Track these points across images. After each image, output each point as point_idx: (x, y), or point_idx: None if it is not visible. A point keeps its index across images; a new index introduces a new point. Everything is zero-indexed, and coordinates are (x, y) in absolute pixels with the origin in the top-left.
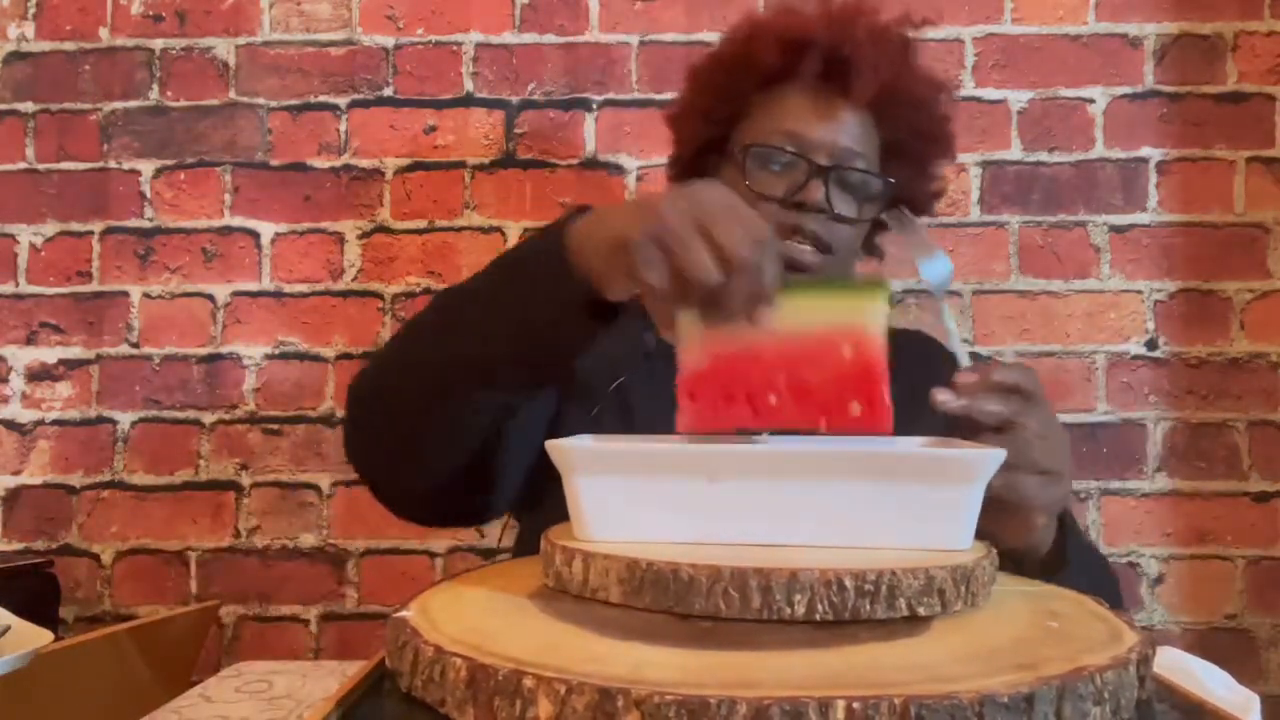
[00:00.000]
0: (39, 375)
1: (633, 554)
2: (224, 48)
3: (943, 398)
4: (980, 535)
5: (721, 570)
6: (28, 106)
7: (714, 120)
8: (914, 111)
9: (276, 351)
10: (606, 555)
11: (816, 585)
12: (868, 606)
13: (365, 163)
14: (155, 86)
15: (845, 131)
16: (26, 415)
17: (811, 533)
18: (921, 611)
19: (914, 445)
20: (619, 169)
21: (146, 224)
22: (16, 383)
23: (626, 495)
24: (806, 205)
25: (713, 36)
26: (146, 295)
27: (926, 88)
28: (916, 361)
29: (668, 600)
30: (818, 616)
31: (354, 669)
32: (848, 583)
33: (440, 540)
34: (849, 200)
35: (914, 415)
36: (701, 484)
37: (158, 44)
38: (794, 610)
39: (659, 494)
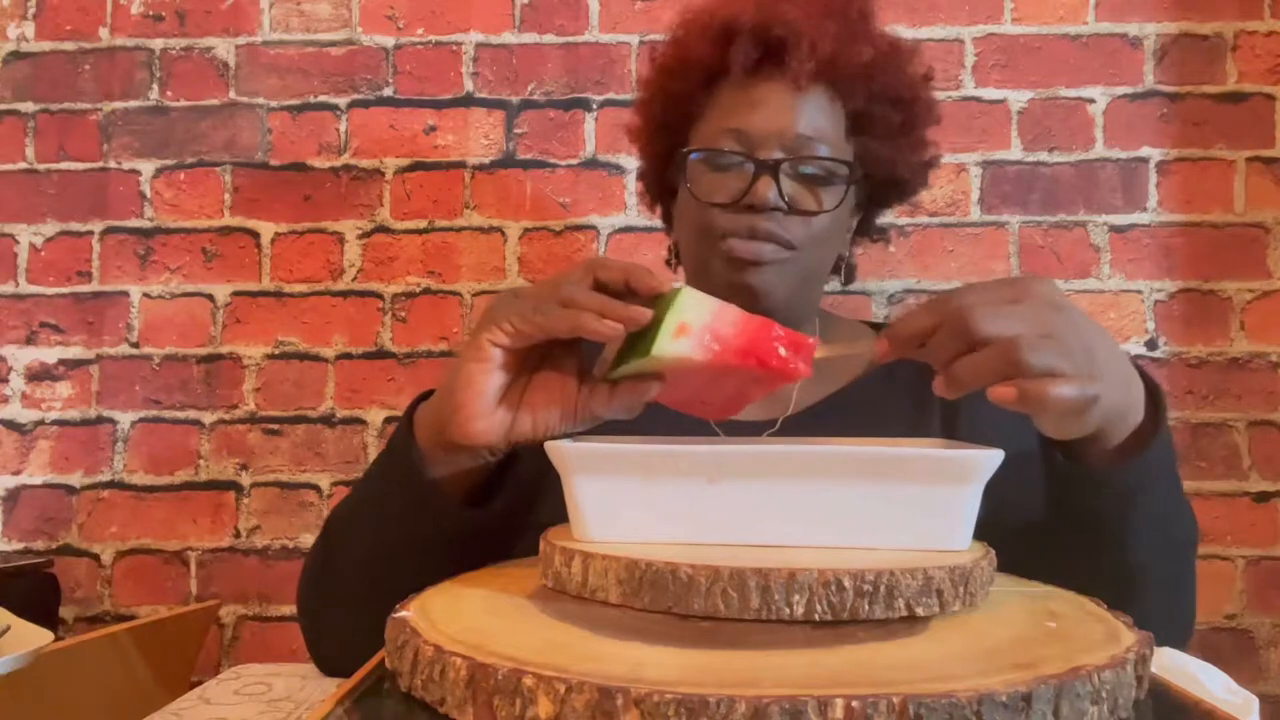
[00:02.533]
0: (39, 375)
1: (632, 554)
2: (224, 48)
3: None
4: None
5: (720, 570)
6: (28, 106)
7: (666, 129)
8: (868, 79)
9: (276, 351)
10: (605, 556)
11: (815, 585)
12: (866, 606)
13: (365, 163)
14: (155, 86)
15: (795, 117)
16: (26, 415)
17: (810, 533)
18: (920, 611)
19: (913, 446)
20: (619, 169)
21: (146, 224)
22: (16, 383)
23: (626, 496)
24: (757, 206)
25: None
26: (146, 295)
27: (878, 50)
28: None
29: (667, 600)
30: (816, 616)
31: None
32: (846, 583)
33: None
34: (809, 191)
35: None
36: (701, 485)
37: (158, 44)
38: (793, 610)
39: (658, 495)
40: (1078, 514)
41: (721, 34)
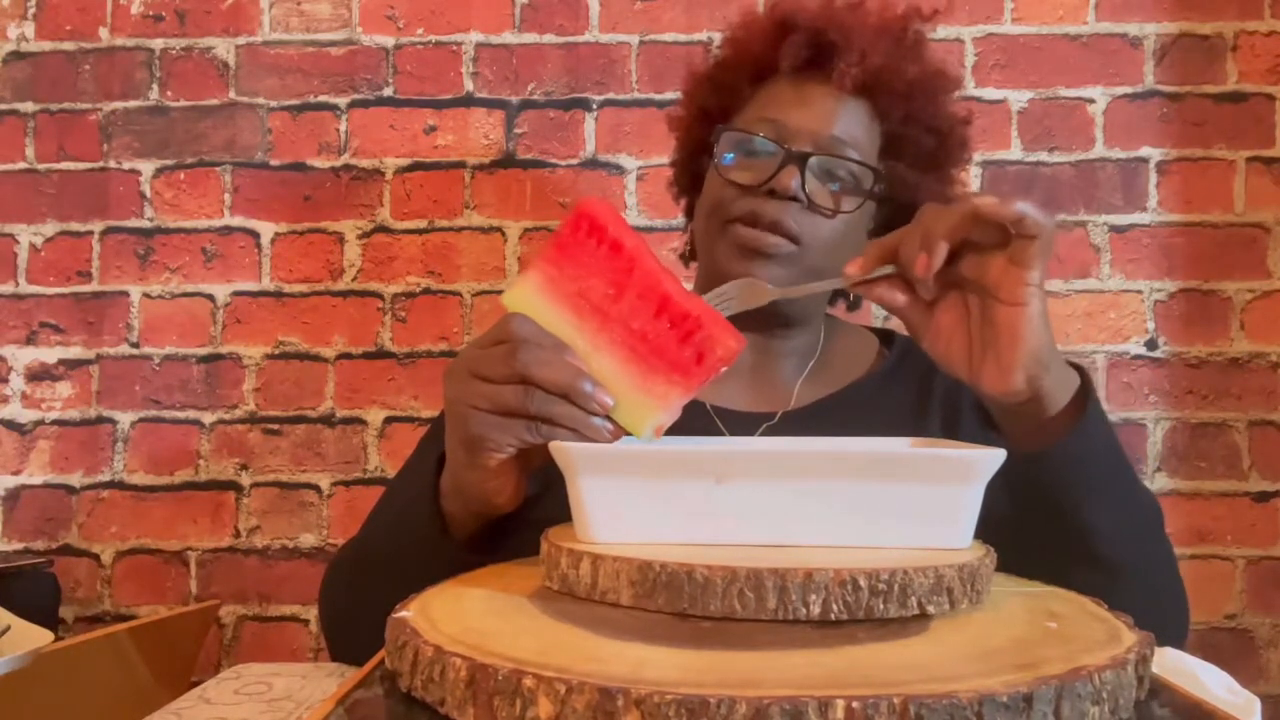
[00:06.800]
0: (39, 375)
1: (645, 556)
2: (224, 48)
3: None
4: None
5: (737, 571)
6: (28, 106)
7: (708, 118)
8: (909, 98)
9: (276, 351)
10: (617, 557)
11: (831, 585)
12: (880, 605)
13: (365, 163)
14: (155, 86)
15: (832, 120)
16: (26, 415)
17: (815, 532)
18: (931, 610)
19: (914, 446)
20: (619, 169)
21: (146, 224)
22: (16, 383)
23: (632, 497)
24: (777, 193)
25: (713, 36)
26: (146, 295)
27: (926, 76)
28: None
29: (681, 602)
30: (832, 616)
31: (353, 670)
32: (862, 582)
33: None
34: (830, 193)
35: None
36: (708, 485)
37: (158, 44)
38: (809, 610)
39: (665, 495)
40: (1034, 501)
41: (777, 31)
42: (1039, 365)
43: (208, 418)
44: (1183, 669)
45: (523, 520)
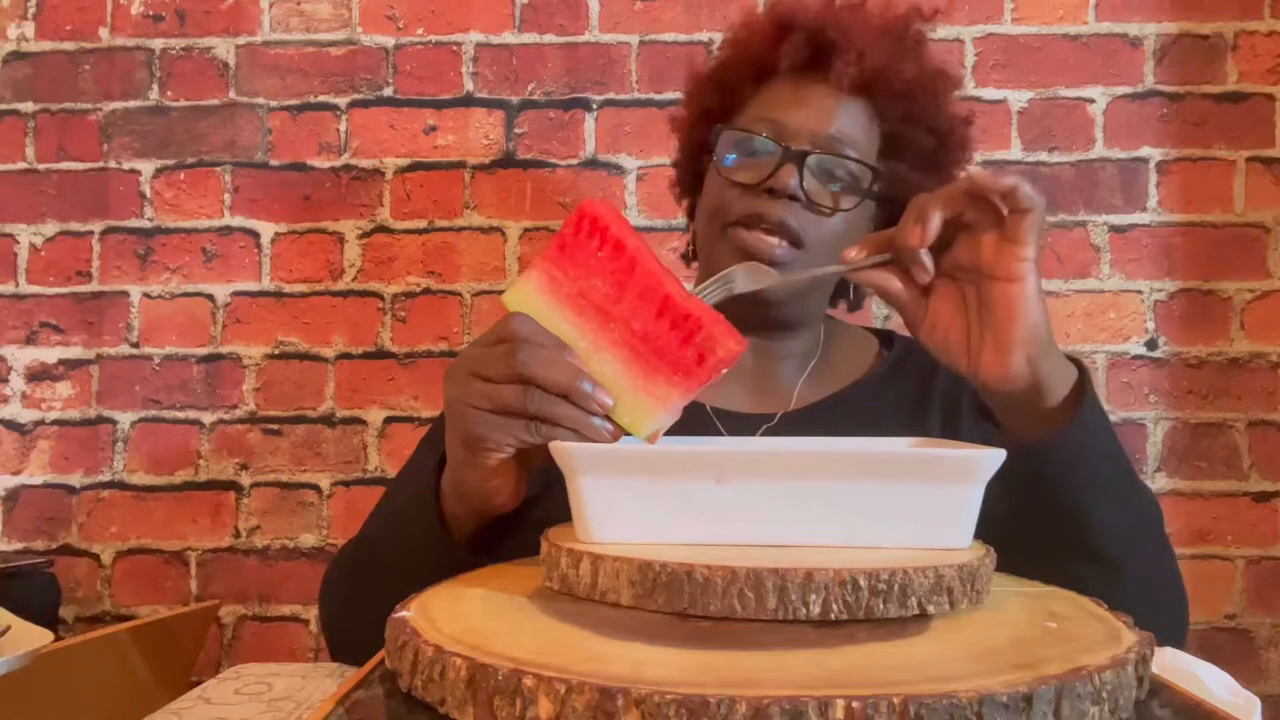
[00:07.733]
0: (39, 375)
1: (645, 555)
2: (224, 48)
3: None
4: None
5: (737, 571)
6: (28, 106)
7: (710, 119)
8: (910, 100)
9: (276, 351)
10: (617, 557)
11: (831, 585)
12: (880, 605)
13: (365, 163)
14: (155, 86)
15: (831, 119)
16: (26, 415)
17: (815, 532)
18: (931, 610)
19: (914, 446)
20: (619, 169)
21: (146, 224)
22: (16, 383)
23: (631, 496)
24: (776, 191)
25: (713, 36)
26: (146, 295)
27: (925, 75)
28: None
29: (681, 602)
30: (832, 616)
31: (353, 670)
32: (862, 582)
33: None
34: (829, 191)
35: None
36: (708, 485)
37: (158, 44)
38: (809, 610)
39: (664, 495)
40: (1034, 495)
41: (777, 31)
42: (1037, 345)
43: (208, 418)
44: (1183, 669)
45: (523, 520)
